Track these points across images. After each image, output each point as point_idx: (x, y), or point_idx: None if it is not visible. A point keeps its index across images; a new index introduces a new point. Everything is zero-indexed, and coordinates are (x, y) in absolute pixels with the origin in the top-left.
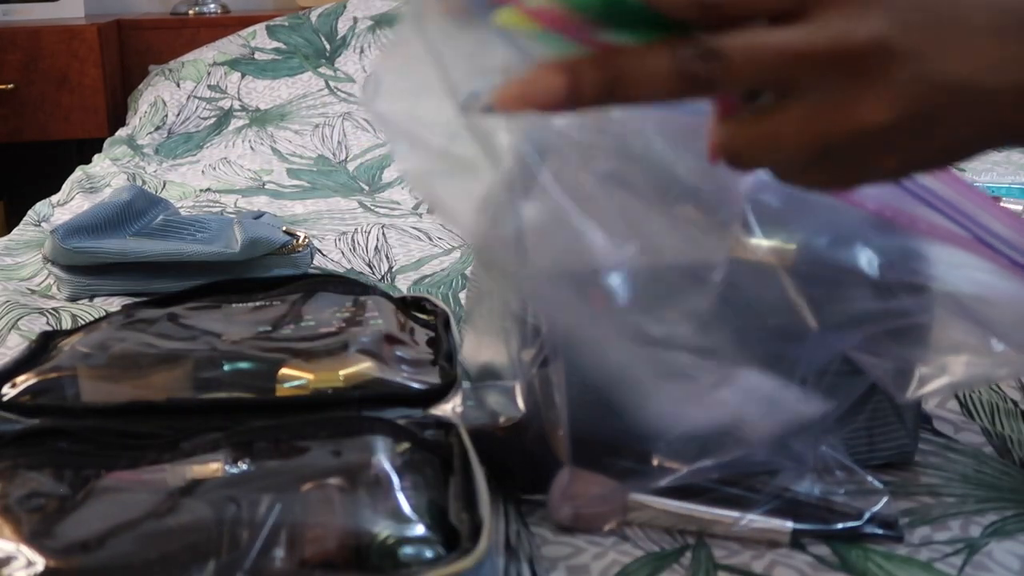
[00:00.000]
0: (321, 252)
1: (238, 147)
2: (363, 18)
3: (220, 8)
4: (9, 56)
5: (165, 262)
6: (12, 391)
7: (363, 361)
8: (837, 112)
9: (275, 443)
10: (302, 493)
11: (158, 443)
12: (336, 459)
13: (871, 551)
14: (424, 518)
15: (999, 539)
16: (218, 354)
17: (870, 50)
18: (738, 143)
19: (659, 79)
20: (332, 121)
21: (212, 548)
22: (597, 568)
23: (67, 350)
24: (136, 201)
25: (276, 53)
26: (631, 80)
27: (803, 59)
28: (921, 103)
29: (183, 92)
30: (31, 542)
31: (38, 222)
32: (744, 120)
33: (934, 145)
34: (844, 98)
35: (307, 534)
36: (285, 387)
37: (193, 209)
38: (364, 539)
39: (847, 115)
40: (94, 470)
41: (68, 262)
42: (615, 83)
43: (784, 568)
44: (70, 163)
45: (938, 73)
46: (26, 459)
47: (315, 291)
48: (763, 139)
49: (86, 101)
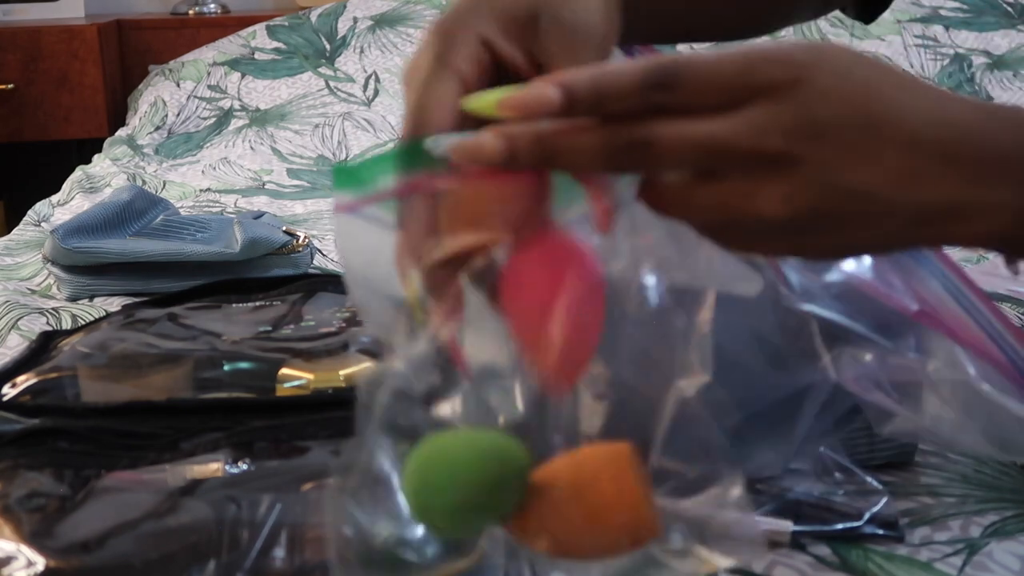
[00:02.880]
0: (321, 252)
1: (238, 147)
2: (363, 18)
3: (220, 8)
4: (9, 56)
5: (165, 262)
6: (12, 391)
7: (363, 361)
8: (742, 198)
9: (275, 443)
10: (302, 493)
11: (158, 443)
12: (336, 459)
13: (871, 551)
14: None
15: (999, 539)
16: (218, 354)
17: (779, 152)
18: (656, 199)
19: (590, 156)
20: (332, 121)
21: (212, 548)
22: (597, 568)
23: (67, 350)
24: (136, 201)
25: (276, 53)
26: (563, 154)
27: (722, 152)
28: (817, 203)
29: (183, 92)
30: (31, 542)
31: (38, 222)
32: (664, 183)
33: (829, 241)
34: (749, 188)
35: (307, 534)
36: (285, 387)
37: (193, 209)
38: (364, 539)
39: (749, 203)
40: (94, 470)
41: (68, 262)
42: (548, 155)
43: (784, 568)
44: (70, 163)
45: (839, 179)
46: (26, 459)
47: (315, 291)
48: (677, 202)
49: (86, 101)
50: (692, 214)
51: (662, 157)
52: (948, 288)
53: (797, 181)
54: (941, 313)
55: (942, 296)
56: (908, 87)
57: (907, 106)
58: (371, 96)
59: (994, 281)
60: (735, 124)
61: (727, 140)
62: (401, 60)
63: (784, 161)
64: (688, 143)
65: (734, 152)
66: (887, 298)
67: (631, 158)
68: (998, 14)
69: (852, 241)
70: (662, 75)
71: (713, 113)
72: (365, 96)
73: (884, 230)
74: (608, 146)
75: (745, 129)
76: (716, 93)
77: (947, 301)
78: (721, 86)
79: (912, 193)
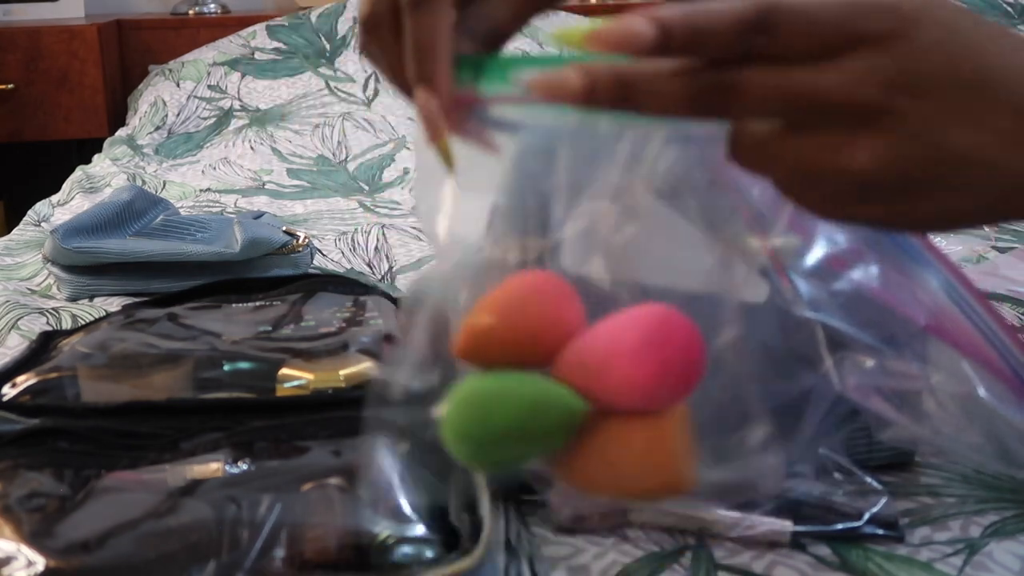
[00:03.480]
0: (321, 252)
1: (238, 147)
2: None
3: (220, 8)
4: (9, 56)
5: (165, 262)
6: (12, 391)
7: (363, 361)
8: (832, 152)
9: (275, 443)
10: (302, 493)
11: (158, 443)
12: (336, 459)
13: (871, 551)
14: (424, 518)
15: (999, 539)
16: (218, 354)
17: (878, 105)
18: (742, 150)
19: (672, 99)
20: (332, 121)
21: (212, 548)
22: (597, 568)
23: (67, 350)
24: (136, 201)
25: (276, 53)
26: (644, 95)
27: (816, 101)
28: (914, 163)
29: (183, 92)
30: (31, 542)
31: (38, 222)
32: (752, 132)
33: (927, 207)
34: (841, 141)
35: (307, 534)
36: (285, 387)
37: (193, 209)
38: (364, 539)
39: (839, 157)
40: (94, 470)
41: (68, 262)
42: (628, 94)
43: (784, 568)
44: (70, 163)
45: (941, 138)
46: (26, 459)
47: (315, 291)
48: (764, 153)
49: (86, 101)
50: (777, 167)
51: (751, 104)
52: (951, 295)
53: (894, 137)
54: (948, 323)
55: (946, 304)
56: (1018, 48)
57: (1015, 68)
58: (371, 96)
59: (994, 281)
60: (832, 73)
61: (823, 89)
62: None
63: (882, 115)
64: (780, 90)
65: (829, 102)
66: (897, 307)
67: (717, 103)
68: (998, 14)
69: (949, 206)
70: (760, 17)
71: (809, 61)
72: (365, 96)
73: (984, 198)
74: (694, 89)
75: (843, 79)
76: (816, 39)
77: (951, 310)
78: (822, 33)
79: (1018, 159)
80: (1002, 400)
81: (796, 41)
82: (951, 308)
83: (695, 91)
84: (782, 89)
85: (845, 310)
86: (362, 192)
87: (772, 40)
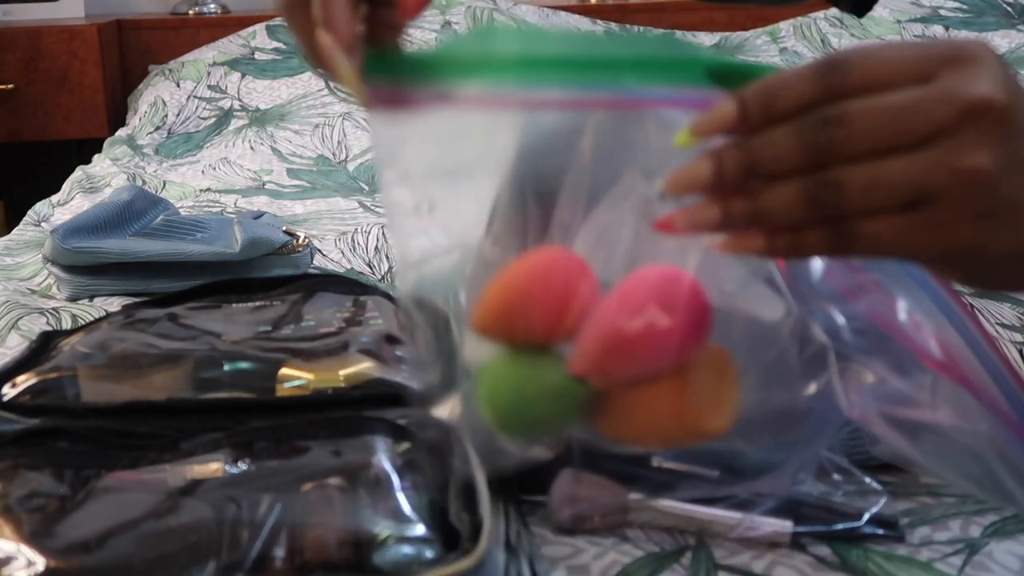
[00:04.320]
0: (321, 252)
1: (238, 147)
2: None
3: (220, 8)
4: (9, 56)
5: (165, 262)
6: (12, 391)
7: (363, 361)
8: (942, 164)
9: (275, 443)
10: (302, 493)
11: (158, 443)
12: (336, 459)
13: (871, 551)
14: (424, 518)
15: (999, 539)
16: (218, 354)
17: (979, 107)
18: (874, 241)
19: (792, 203)
20: (332, 121)
21: (212, 548)
22: (597, 568)
23: (67, 350)
24: (136, 201)
25: (276, 53)
26: (765, 215)
27: (916, 189)
28: None
29: (183, 92)
30: (31, 542)
31: (38, 222)
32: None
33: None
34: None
35: (307, 534)
36: (285, 387)
37: (193, 209)
38: (364, 539)
39: (952, 161)
40: (94, 470)
41: (68, 262)
42: (755, 217)
43: (784, 568)
44: (70, 163)
45: None
46: (26, 459)
47: (315, 291)
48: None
49: (86, 101)
50: (908, 249)
51: (857, 201)
52: (964, 335)
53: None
54: (959, 363)
55: (960, 346)
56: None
57: None
58: None
59: None
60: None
61: (925, 171)
62: None
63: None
64: (882, 184)
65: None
66: (910, 344)
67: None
68: (998, 14)
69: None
70: (831, 62)
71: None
72: None
73: None
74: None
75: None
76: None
77: (964, 351)
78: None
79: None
80: (1006, 440)
81: (871, 76)
82: (964, 349)
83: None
84: (884, 182)
85: (858, 337)
86: (362, 192)
87: (847, 77)
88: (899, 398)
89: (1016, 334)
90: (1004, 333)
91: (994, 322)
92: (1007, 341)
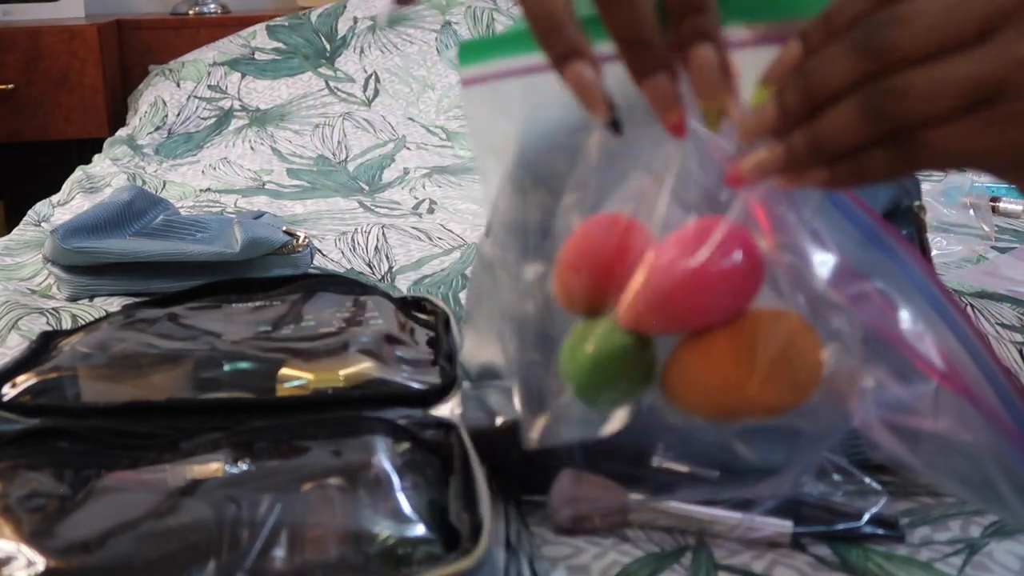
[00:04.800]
0: (321, 252)
1: (238, 147)
2: (363, 18)
3: (220, 8)
4: (9, 56)
5: (165, 262)
6: (12, 391)
7: (363, 361)
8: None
9: (275, 443)
10: (302, 493)
11: (158, 443)
12: (336, 459)
13: (871, 551)
14: (424, 518)
15: (999, 539)
16: (218, 354)
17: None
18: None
19: (852, 122)
20: (332, 121)
21: (212, 548)
22: (597, 568)
23: (67, 350)
24: (136, 201)
25: (276, 53)
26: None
27: (983, 86)
28: None
29: (183, 92)
30: (31, 542)
31: (38, 222)
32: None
33: None
34: None
35: (307, 534)
36: (285, 387)
37: (193, 209)
38: (364, 539)
39: (1018, 49)
40: (94, 470)
41: (68, 262)
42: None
43: (784, 568)
44: (70, 163)
45: None
46: (26, 459)
47: (315, 291)
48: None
49: (86, 101)
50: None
51: (921, 106)
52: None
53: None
54: (959, 371)
55: (963, 358)
56: None
57: None
58: (371, 96)
59: (994, 281)
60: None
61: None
62: (401, 60)
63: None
64: (946, 85)
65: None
66: (912, 353)
67: (891, 109)
68: None
69: None
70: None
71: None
72: (365, 96)
73: None
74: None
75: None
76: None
77: (967, 363)
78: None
79: None
80: (1005, 449)
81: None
82: (964, 358)
83: (868, 108)
84: (948, 83)
85: (861, 344)
86: (362, 192)
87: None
88: (901, 406)
89: (1016, 334)
90: (1004, 333)
91: (994, 322)
92: (1007, 341)
